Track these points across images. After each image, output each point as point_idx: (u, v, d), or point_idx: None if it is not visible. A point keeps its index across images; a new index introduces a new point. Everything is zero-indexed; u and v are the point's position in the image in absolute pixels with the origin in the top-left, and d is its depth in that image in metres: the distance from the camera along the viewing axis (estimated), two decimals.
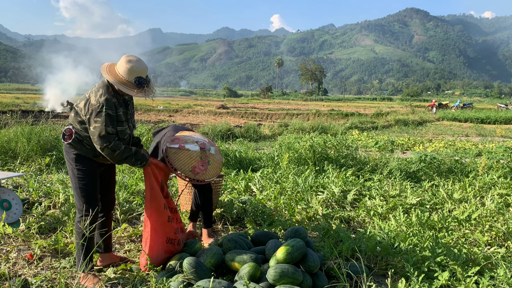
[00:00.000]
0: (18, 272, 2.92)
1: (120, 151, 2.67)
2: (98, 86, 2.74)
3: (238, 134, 12.80)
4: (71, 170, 2.79)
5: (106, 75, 2.69)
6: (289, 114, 25.54)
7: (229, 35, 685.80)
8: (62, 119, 15.75)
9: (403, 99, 74.20)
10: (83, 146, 2.75)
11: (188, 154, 3.06)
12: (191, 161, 3.05)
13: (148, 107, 27.07)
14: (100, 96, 2.66)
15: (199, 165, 3.06)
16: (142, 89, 2.68)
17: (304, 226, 4.03)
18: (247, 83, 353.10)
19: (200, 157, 3.08)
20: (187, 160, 3.04)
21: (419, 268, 2.91)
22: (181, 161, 3.03)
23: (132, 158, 2.76)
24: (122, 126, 2.74)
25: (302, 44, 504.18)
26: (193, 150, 3.08)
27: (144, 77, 2.70)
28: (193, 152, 3.07)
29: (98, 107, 2.62)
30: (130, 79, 2.66)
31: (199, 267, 2.67)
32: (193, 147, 3.10)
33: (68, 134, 2.76)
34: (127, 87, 2.65)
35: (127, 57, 2.73)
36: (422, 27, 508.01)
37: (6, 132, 7.12)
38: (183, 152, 3.06)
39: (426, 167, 6.46)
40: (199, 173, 3.04)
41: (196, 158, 3.07)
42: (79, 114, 2.72)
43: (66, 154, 2.81)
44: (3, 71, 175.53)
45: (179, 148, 3.08)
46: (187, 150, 3.07)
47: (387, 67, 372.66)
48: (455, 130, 17.77)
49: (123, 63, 2.70)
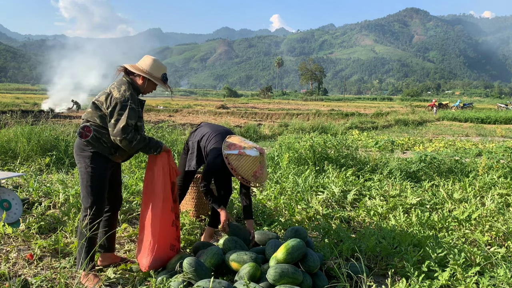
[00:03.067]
0: (18, 272, 2.92)
1: (137, 141, 2.74)
2: (120, 83, 2.83)
3: (238, 134, 12.78)
4: (84, 167, 2.77)
5: (138, 71, 2.84)
6: (289, 114, 25.54)
7: (229, 35, 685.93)
8: (62, 119, 15.74)
9: (403, 99, 74.19)
10: (100, 143, 2.76)
11: (251, 160, 3.14)
12: (253, 166, 3.14)
13: (148, 107, 27.07)
14: (124, 91, 2.76)
15: (259, 169, 3.16)
16: (167, 85, 3.00)
17: (304, 226, 4.03)
18: (247, 83, 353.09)
19: (259, 162, 3.18)
20: (250, 165, 3.13)
21: (419, 268, 2.91)
22: (244, 167, 3.12)
23: (147, 147, 2.84)
24: (141, 122, 2.88)
25: (302, 44, 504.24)
26: (254, 156, 3.16)
27: (166, 73, 2.98)
28: (254, 158, 3.15)
29: (123, 100, 2.71)
30: (158, 75, 2.90)
31: (199, 267, 2.67)
32: (253, 152, 3.17)
33: (86, 132, 2.75)
34: (158, 81, 2.90)
35: (150, 56, 2.95)
36: (422, 27, 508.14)
37: (6, 132, 7.12)
38: (244, 158, 3.14)
39: (426, 167, 6.46)
40: (259, 177, 3.16)
41: (256, 164, 3.16)
42: (100, 108, 2.77)
43: (81, 152, 2.78)
44: (3, 71, 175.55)
45: (240, 155, 3.15)
46: (248, 156, 3.15)
47: (387, 67, 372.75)
48: (455, 130, 17.77)
49: (150, 61, 2.90)
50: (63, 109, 24.67)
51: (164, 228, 2.94)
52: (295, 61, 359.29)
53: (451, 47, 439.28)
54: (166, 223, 2.96)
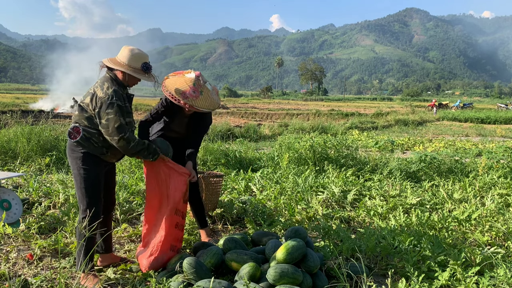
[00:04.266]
0: (18, 272, 2.92)
1: (135, 143, 2.69)
2: (102, 81, 2.75)
3: (238, 134, 12.80)
4: (76, 169, 2.74)
5: (114, 66, 2.74)
6: (289, 114, 25.54)
7: (229, 35, 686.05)
8: (62, 119, 15.74)
9: (403, 99, 74.13)
10: (91, 143, 2.71)
11: (183, 79, 3.14)
12: (184, 85, 3.10)
13: (149, 107, 27.06)
14: (107, 88, 2.68)
15: (191, 91, 3.09)
16: (149, 74, 2.83)
17: (304, 226, 4.03)
18: (247, 83, 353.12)
19: (193, 84, 3.12)
20: (181, 84, 3.11)
21: (419, 268, 2.91)
22: (174, 84, 3.10)
23: (145, 151, 2.78)
24: (129, 117, 2.77)
25: (302, 44, 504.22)
26: (188, 77, 3.16)
27: (148, 62, 2.81)
28: (187, 78, 3.14)
29: (107, 98, 2.63)
30: (137, 65, 2.76)
31: (199, 267, 2.67)
32: (189, 75, 3.19)
33: (75, 132, 2.71)
34: (137, 73, 2.76)
35: (127, 47, 2.81)
36: (422, 27, 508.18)
37: (6, 132, 7.12)
38: (178, 77, 3.17)
39: (426, 167, 6.46)
40: (188, 98, 3.06)
41: (189, 83, 3.11)
42: (86, 109, 2.70)
43: (72, 153, 2.75)
44: (3, 71, 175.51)
45: (174, 75, 3.22)
46: (182, 76, 3.19)
47: (387, 67, 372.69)
48: (455, 130, 17.78)
49: (126, 52, 2.77)
50: (64, 109, 24.68)
51: (167, 232, 2.94)
52: (295, 61, 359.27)
53: (451, 47, 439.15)
54: (170, 226, 2.96)
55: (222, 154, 7.02)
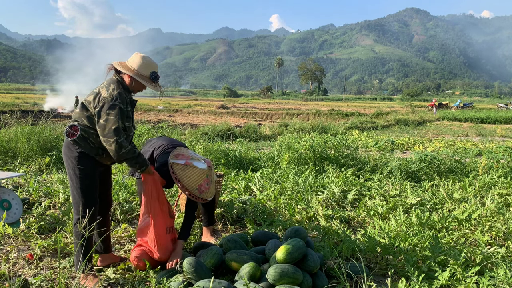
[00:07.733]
0: (18, 272, 2.92)
1: (127, 150, 2.66)
2: (109, 82, 2.75)
3: (238, 134, 12.79)
4: (72, 169, 2.72)
5: (123, 70, 2.74)
6: (289, 114, 25.55)
7: (229, 35, 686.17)
8: (62, 119, 15.74)
9: (403, 99, 74.18)
10: (87, 143, 2.70)
11: (197, 172, 3.00)
12: (198, 179, 3.00)
13: (149, 107, 27.08)
14: (113, 90, 2.67)
15: (205, 183, 3.02)
16: (156, 84, 2.84)
17: (304, 226, 4.03)
18: (247, 83, 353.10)
19: (206, 176, 3.04)
20: (195, 177, 2.99)
21: (419, 268, 2.91)
22: (189, 178, 2.98)
23: (133, 160, 2.74)
24: (129, 122, 2.77)
25: (302, 44, 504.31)
26: (201, 168, 3.02)
27: (157, 72, 2.83)
28: (201, 170, 3.02)
29: (111, 99, 2.62)
30: (146, 73, 2.78)
31: (199, 267, 2.67)
32: (200, 164, 3.04)
33: (73, 131, 2.69)
34: (145, 80, 2.77)
35: (139, 53, 2.83)
36: (422, 27, 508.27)
37: (6, 132, 7.12)
38: (190, 169, 3.00)
39: (426, 167, 6.46)
40: (204, 192, 3.01)
41: (203, 177, 3.02)
42: (87, 108, 2.70)
43: (68, 152, 2.73)
44: (3, 71, 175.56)
45: (186, 165, 3.01)
46: (195, 167, 3.01)
47: (387, 67, 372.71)
48: (455, 130, 17.77)
49: (138, 58, 2.79)
50: (67, 109, 24.71)
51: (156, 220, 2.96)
52: (295, 61, 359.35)
53: (451, 47, 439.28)
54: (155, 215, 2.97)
55: (222, 154, 7.02)
